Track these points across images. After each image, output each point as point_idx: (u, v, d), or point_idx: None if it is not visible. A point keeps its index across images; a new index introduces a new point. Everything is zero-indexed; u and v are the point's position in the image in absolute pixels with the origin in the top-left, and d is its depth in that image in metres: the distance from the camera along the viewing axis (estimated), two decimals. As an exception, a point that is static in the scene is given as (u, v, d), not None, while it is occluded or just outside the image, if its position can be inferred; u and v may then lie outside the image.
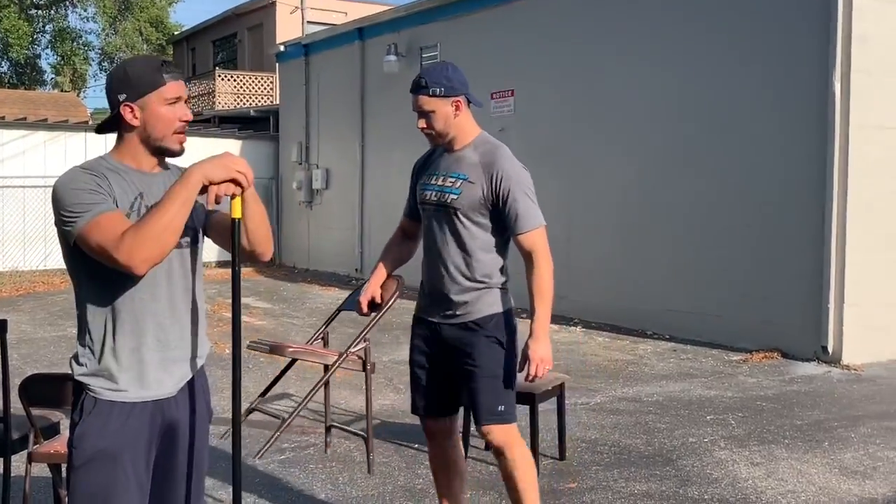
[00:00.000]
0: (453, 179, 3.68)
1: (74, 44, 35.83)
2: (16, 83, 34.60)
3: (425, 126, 3.69)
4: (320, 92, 17.25)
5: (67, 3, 35.19)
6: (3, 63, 35.56)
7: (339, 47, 16.65)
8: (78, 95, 33.48)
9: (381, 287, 4.00)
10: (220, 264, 17.21)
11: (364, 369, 5.45)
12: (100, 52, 37.71)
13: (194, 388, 2.66)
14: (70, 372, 2.56)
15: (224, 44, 29.82)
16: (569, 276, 11.43)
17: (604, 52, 11.11)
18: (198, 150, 14.83)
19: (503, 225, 3.66)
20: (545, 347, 3.60)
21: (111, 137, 2.67)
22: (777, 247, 9.07)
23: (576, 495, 4.89)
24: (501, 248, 3.73)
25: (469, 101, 3.73)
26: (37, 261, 15.92)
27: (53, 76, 37.00)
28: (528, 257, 3.64)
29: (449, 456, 3.95)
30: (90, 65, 37.99)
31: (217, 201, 2.47)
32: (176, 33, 34.85)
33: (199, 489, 2.69)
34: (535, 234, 3.63)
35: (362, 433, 5.49)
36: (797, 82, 8.91)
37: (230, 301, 8.19)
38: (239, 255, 2.57)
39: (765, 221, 9.19)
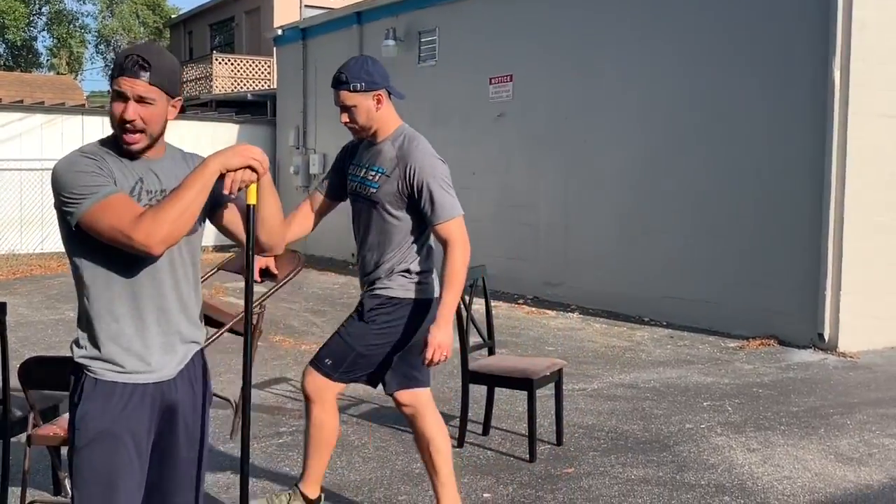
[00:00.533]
0: (373, 173, 3.79)
1: (71, 26, 35.71)
2: (12, 65, 34.47)
3: (348, 120, 3.77)
4: (318, 76, 17.19)
5: (64, -16, 35.05)
6: (-1, 45, 35.43)
7: (337, 31, 16.59)
8: (75, 78, 33.36)
9: (276, 258, 3.98)
10: (217, 248, 17.22)
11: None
12: (96, 34, 37.60)
13: (194, 371, 2.67)
14: (70, 355, 2.56)
15: (221, 27, 29.73)
16: (566, 262, 11.46)
17: (603, 37, 11.08)
18: (196, 133, 14.90)
19: (422, 216, 3.75)
20: (445, 334, 3.65)
21: (108, 121, 2.65)
22: (774, 234, 9.07)
23: (573, 480, 4.90)
24: (420, 238, 3.83)
25: (390, 94, 3.82)
26: (34, 244, 15.90)
27: (49, 58, 36.86)
28: (444, 246, 3.72)
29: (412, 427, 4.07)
30: (86, 47, 37.88)
31: (232, 191, 2.49)
32: (173, 16, 34.72)
33: (200, 471, 2.70)
34: (451, 225, 3.70)
35: (233, 399, 5.36)
36: (796, 69, 8.89)
37: (228, 286, 8.16)
38: (253, 241, 2.60)
39: (762, 209, 9.19)
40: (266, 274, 4.03)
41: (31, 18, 34.24)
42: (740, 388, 7.06)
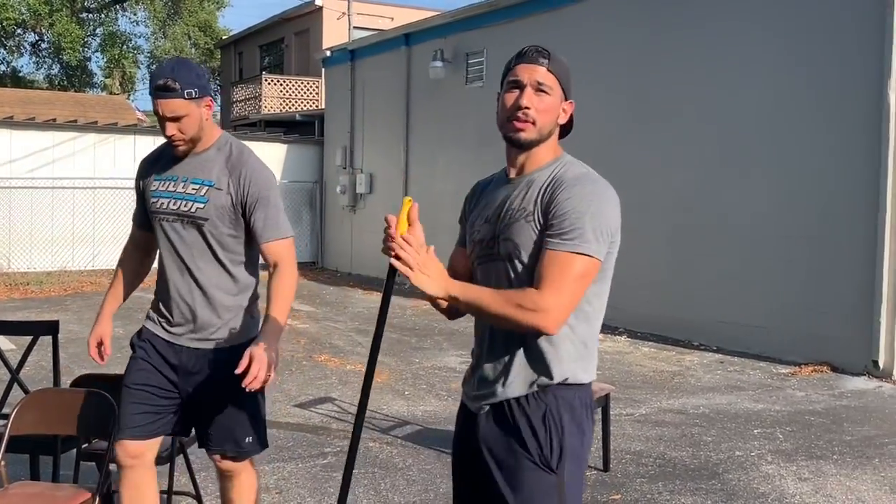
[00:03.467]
0: (196, 186, 3.24)
1: (124, 47, 36.34)
2: (66, 86, 35.17)
3: (177, 132, 3.17)
4: (365, 97, 17.32)
5: (118, 6, 35.72)
6: (54, 66, 36.18)
7: (385, 53, 16.71)
8: (127, 98, 33.94)
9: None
10: (264, 266, 17.34)
11: None
12: (149, 55, 38.24)
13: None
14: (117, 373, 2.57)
15: (271, 48, 30.07)
16: (615, 284, 11.27)
17: (653, 58, 11.01)
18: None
19: (252, 234, 3.29)
20: (274, 352, 3.12)
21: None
22: (827, 258, 8.91)
23: (620, 507, 4.83)
24: (253, 262, 3.41)
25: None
26: (85, 261, 16.16)
27: (103, 79, 37.55)
28: (274, 266, 3.28)
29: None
30: (139, 68, 38.52)
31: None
32: (224, 38, 35.20)
33: None
34: (283, 244, 3.29)
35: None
36: (851, 91, 8.75)
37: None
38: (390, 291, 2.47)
39: (815, 232, 9.04)
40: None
41: (86, 40, 34.91)
42: (792, 416, 6.92)
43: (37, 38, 35.47)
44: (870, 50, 8.53)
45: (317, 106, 24.27)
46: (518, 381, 2.34)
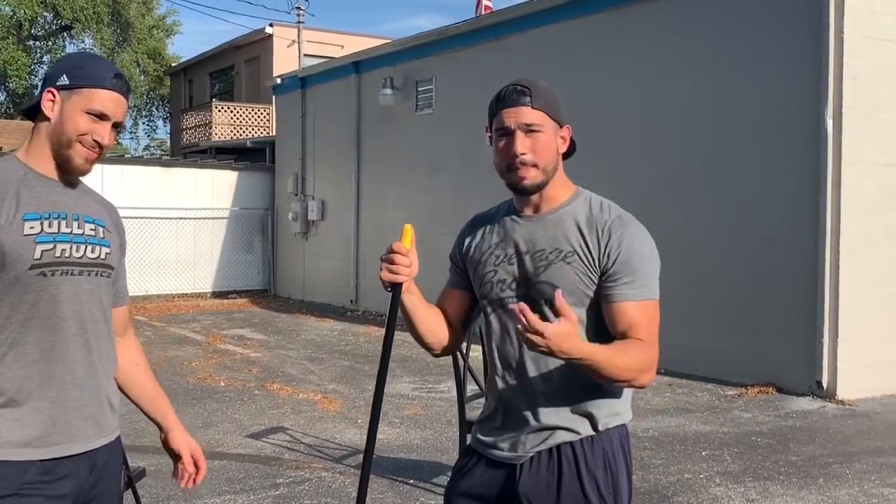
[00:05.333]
0: (92, 226, 2.34)
1: (72, 74, 35.96)
2: (13, 113, 34.69)
3: (108, 142, 2.34)
4: (316, 124, 17.34)
5: (65, 34, 35.38)
6: (0, 93, 35.70)
7: (335, 80, 16.76)
8: (75, 126, 33.56)
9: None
10: (216, 294, 17.25)
11: None
12: (97, 82, 37.87)
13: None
14: None
15: (221, 76, 30.00)
16: (564, 309, 11.44)
17: (596, 84, 11.19)
18: (195, 180, 15.03)
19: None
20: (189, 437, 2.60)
21: (108, 170, 2.52)
22: (771, 282, 9.09)
23: (571, 532, 4.86)
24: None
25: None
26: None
27: (50, 106, 37.06)
28: (125, 330, 2.56)
29: None
30: (87, 95, 38.13)
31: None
32: (173, 65, 35.03)
33: None
34: (127, 309, 2.61)
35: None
36: (790, 118, 8.98)
37: (226, 332, 8.22)
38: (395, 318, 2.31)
39: (759, 256, 9.22)
40: None
41: (33, 67, 34.52)
42: (739, 437, 7.04)
43: (-18, 65, 34.98)
44: (807, 77, 8.76)
45: (268, 133, 24.25)
46: (572, 425, 2.24)
